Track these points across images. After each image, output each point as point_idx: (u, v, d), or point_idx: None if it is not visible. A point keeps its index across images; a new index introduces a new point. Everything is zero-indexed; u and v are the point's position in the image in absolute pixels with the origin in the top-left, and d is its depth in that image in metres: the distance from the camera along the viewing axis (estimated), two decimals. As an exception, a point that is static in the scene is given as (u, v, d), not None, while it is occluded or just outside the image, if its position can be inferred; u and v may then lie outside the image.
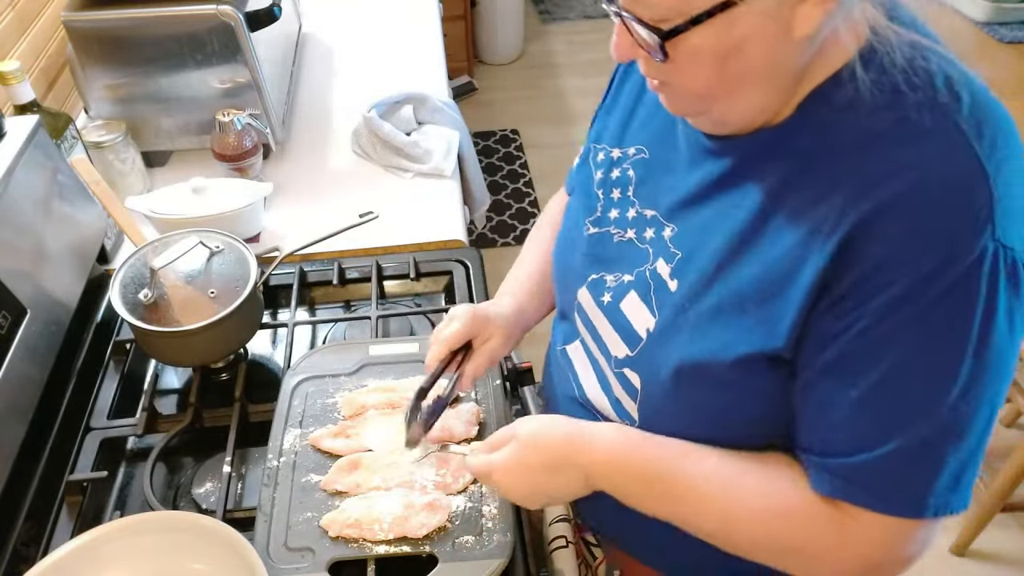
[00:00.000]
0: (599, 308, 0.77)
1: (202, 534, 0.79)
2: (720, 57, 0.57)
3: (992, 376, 0.58)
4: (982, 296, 0.55)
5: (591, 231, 0.80)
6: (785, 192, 0.62)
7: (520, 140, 3.17)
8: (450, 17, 3.03)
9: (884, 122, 0.58)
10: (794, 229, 0.61)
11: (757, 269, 0.63)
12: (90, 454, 0.97)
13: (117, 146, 1.31)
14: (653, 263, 0.72)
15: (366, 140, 1.46)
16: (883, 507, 0.61)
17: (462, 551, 0.80)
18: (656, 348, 0.71)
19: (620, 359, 0.75)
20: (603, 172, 0.81)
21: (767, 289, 0.62)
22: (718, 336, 0.65)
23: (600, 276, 0.78)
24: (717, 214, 0.67)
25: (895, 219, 0.55)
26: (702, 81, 0.60)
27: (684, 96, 0.64)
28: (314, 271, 1.22)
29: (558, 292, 0.88)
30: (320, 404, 0.96)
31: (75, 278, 1.09)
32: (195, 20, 1.28)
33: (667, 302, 0.70)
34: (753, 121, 0.64)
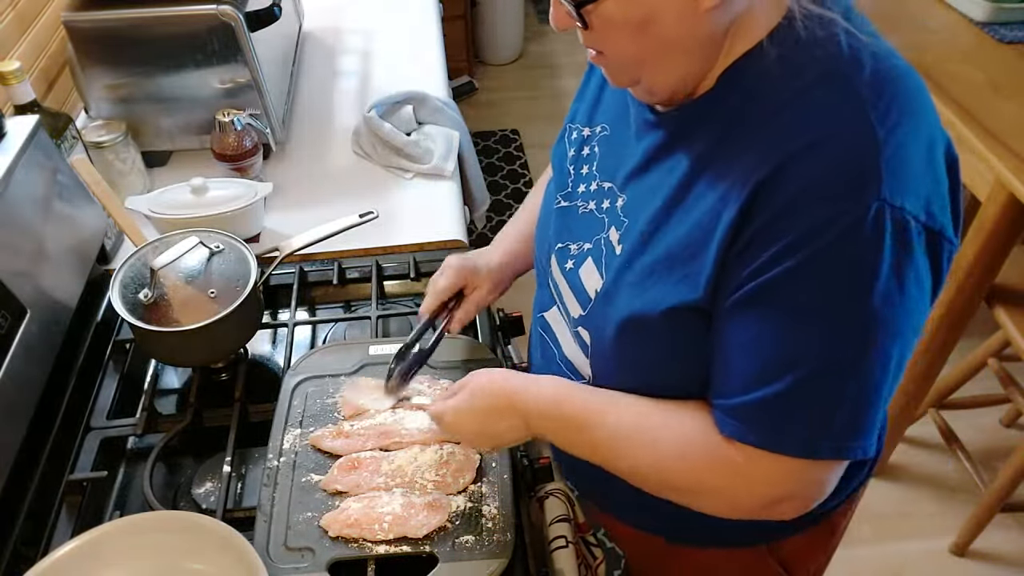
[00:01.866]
0: (562, 274, 0.84)
1: (202, 534, 0.80)
2: (634, 26, 0.63)
3: (883, 327, 0.61)
4: (867, 249, 0.59)
5: (561, 204, 0.87)
6: (708, 157, 0.67)
7: (520, 140, 3.17)
8: (450, 17, 3.02)
9: (790, 91, 0.63)
10: (714, 190, 0.66)
11: (684, 229, 0.68)
12: (90, 454, 0.97)
13: (117, 146, 1.31)
14: (607, 231, 0.78)
15: (366, 140, 1.46)
16: (774, 446, 0.65)
17: (462, 551, 0.80)
18: (601, 306, 0.77)
19: (575, 319, 0.82)
20: (575, 150, 0.87)
21: (691, 246, 0.67)
22: (650, 292, 0.70)
23: (566, 245, 0.84)
24: (656, 181, 0.72)
25: (792, 176, 0.60)
26: (623, 49, 0.66)
27: (617, 66, 0.70)
28: (314, 271, 1.22)
29: (536, 262, 0.95)
30: (320, 404, 0.96)
31: (75, 278, 1.09)
32: (195, 20, 1.28)
33: (612, 264, 0.76)
34: (678, 90, 0.69)
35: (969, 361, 1.89)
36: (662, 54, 0.65)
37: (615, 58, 0.69)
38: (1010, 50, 1.69)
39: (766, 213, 0.61)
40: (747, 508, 0.70)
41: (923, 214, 0.60)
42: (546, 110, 3.34)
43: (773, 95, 0.64)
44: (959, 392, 1.98)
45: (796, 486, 0.68)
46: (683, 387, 0.74)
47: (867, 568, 1.85)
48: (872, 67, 0.62)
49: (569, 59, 3.67)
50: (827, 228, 0.59)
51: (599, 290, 0.77)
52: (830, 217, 0.59)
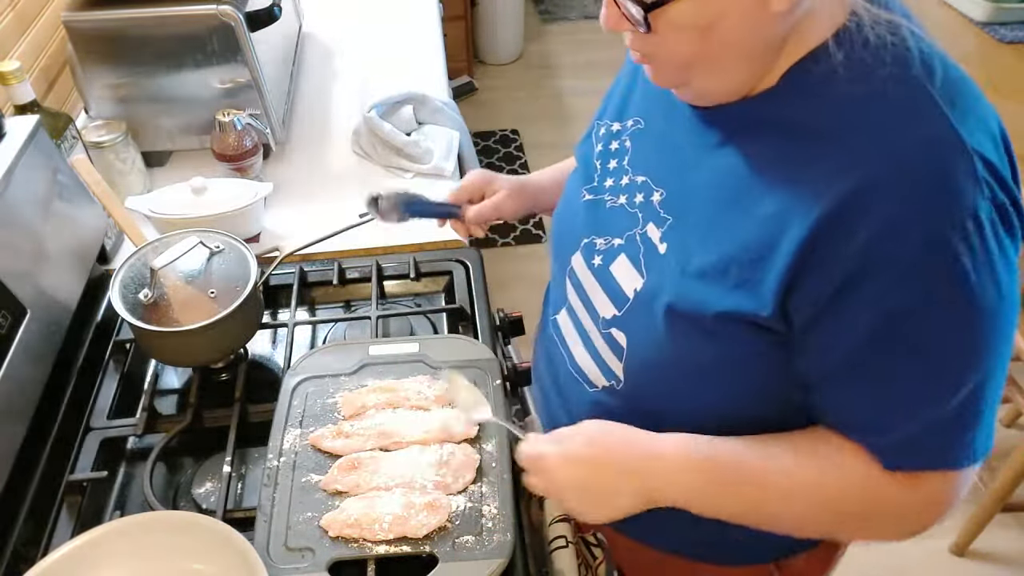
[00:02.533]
0: (590, 271, 0.81)
1: (202, 534, 0.79)
2: (700, 29, 0.61)
3: (1004, 321, 0.61)
4: (981, 255, 0.58)
5: (586, 198, 0.84)
6: (771, 159, 0.65)
7: (520, 140, 3.17)
8: (450, 17, 3.02)
9: (861, 94, 0.60)
10: (779, 195, 0.63)
11: (743, 232, 0.65)
12: (90, 454, 0.97)
13: (117, 146, 1.31)
14: (643, 227, 0.75)
15: (366, 140, 1.46)
16: (943, 463, 0.65)
17: (462, 551, 0.80)
18: (643, 306, 0.73)
19: (607, 319, 0.78)
20: (603, 145, 0.85)
21: (752, 251, 0.64)
22: (703, 294, 0.67)
23: (591, 240, 0.81)
24: (708, 179, 0.69)
25: (880, 195, 0.57)
26: (683, 53, 0.63)
27: (667, 68, 0.68)
28: (314, 271, 1.22)
29: (553, 259, 0.91)
30: (320, 404, 0.96)
31: (75, 278, 1.09)
32: (195, 20, 1.28)
33: (655, 263, 0.73)
34: (732, 93, 0.67)
35: (969, 361, 1.88)
36: (720, 57, 0.63)
37: (668, 61, 0.66)
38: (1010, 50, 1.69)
39: (855, 241, 0.58)
40: (921, 527, 0.70)
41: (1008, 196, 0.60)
42: (546, 110, 3.34)
43: (842, 97, 0.61)
44: (959, 392, 1.97)
45: (956, 494, 0.68)
46: (730, 401, 0.71)
47: (867, 568, 1.85)
48: (943, 73, 0.60)
49: (569, 59, 3.67)
50: (935, 247, 0.57)
51: (639, 290, 0.74)
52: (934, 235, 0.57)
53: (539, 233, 2.76)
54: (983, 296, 0.59)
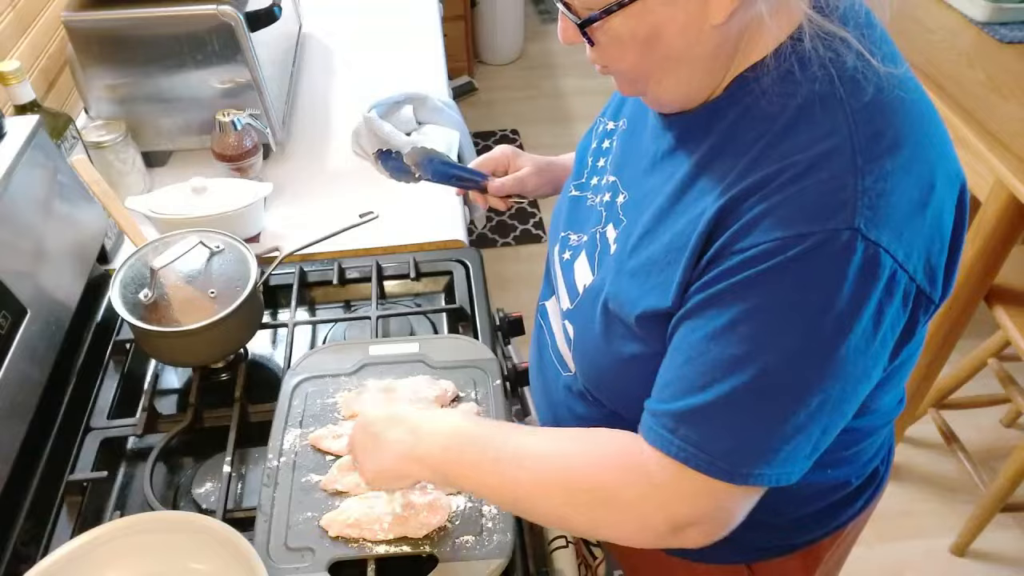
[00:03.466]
0: (559, 264, 0.86)
1: (202, 534, 0.79)
2: (640, 42, 0.62)
3: (826, 358, 0.59)
4: (827, 274, 0.57)
5: (572, 193, 0.88)
6: (701, 167, 0.67)
7: (520, 140, 3.17)
8: (450, 17, 3.03)
9: (782, 110, 0.61)
10: (699, 202, 0.65)
11: (668, 236, 0.68)
12: (90, 454, 0.97)
13: (117, 146, 1.31)
14: (604, 226, 0.78)
15: (366, 140, 1.46)
16: (693, 461, 0.62)
17: (462, 551, 0.80)
18: (587, 303, 0.78)
19: (564, 311, 0.84)
20: (598, 142, 0.88)
21: (670, 254, 0.66)
22: (631, 295, 0.70)
23: (567, 234, 0.86)
24: (656, 185, 0.72)
25: (763, 196, 0.59)
26: (628, 64, 0.66)
27: (625, 78, 0.70)
28: (314, 271, 1.22)
29: (548, 248, 0.94)
30: (320, 404, 0.96)
31: (75, 278, 1.09)
32: (195, 20, 1.28)
33: (604, 263, 0.76)
34: (685, 101, 0.68)
35: (969, 361, 1.89)
36: (668, 68, 0.65)
37: (622, 72, 0.69)
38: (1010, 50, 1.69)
39: (730, 230, 0.61)
40: (655, 528, 0.65)
41: (903, 258, 0.58)
42: (546, 110, 3.34)
43: (767, 112, 0.62)
44: (959, 392, 1.98)
45: (708, 509, 0.64)
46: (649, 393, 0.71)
47: (867, 568, 1.85)
48: (873, 94, 0.60)
49: (569, 59, 3.67)
50: (787, 248, 0.57)
51: (588, 285, 0.78)
52: (792, 238, 0.57)
53: (539, 233, 2.76)
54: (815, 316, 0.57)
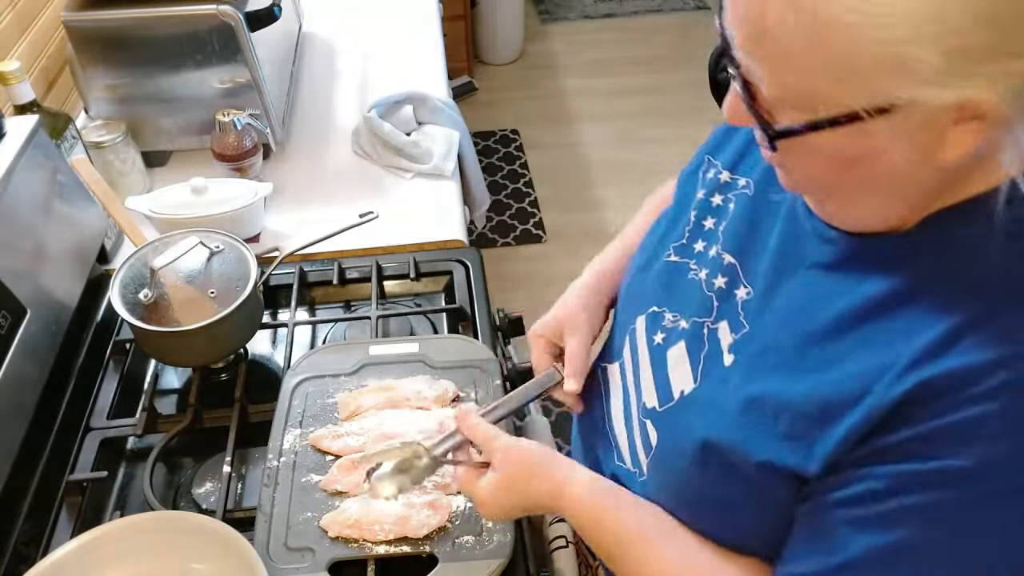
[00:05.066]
0: (647, 347, 0.73)
1: (202, 534, 0.79)
2: (841, 162, 0.52)
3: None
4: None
5: (672, 258, 0.74)
6: (880, 307, 0.55)
7: (520, 140, 3.17)
8: (450, 17, 3.02)
9: (1009, 272, 0.51)
10: (872, 353, 0.54)
11: (818, 382, 0.56)
12: (90, 454, 0.97)
13: (117, 146, 1.31)
14: (716, 322, 0.66)
15: (366, 140, 1.46)
16: None
17: (462, 551, 0.80)
18: (683, 413, 0.66)
19: (647, 408, 0.71)
20: (705, 193, 0.74)
21: (821, 407, 0.55)
22: (746, 432, 0.59)
23: (661, 311, 0.73)
24: (804, 300, 0.60)
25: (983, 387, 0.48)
26: (816, 177, 0.55)
27: (798, 183, 0.59)
28: (314, 271, 1.22)
29: (620, 304, 0.82)
30: (320, 404, 0.96)
31: (75, 278, 1.09)
32: (195, 20, 1.28)
33: (714, 374, 0.64)
34: (870, 227, 0.57)
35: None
36: (861, 191, 0.54)
37: (799, 179, 0.57)
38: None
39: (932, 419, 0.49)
40: None
41: None
42: (546, 110, 3.33)
43: (982, 268, 0.51)
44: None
45: None
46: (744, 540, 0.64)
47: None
48: None
49: (569, 59, 3.67)
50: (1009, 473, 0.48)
51: (687, 393, 0.66)
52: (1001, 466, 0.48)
53: (539, 233, 2.76)
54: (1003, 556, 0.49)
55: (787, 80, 0.49)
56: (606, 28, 3.89)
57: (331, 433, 0.92)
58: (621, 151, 3.08)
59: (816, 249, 0.61)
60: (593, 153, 3.08)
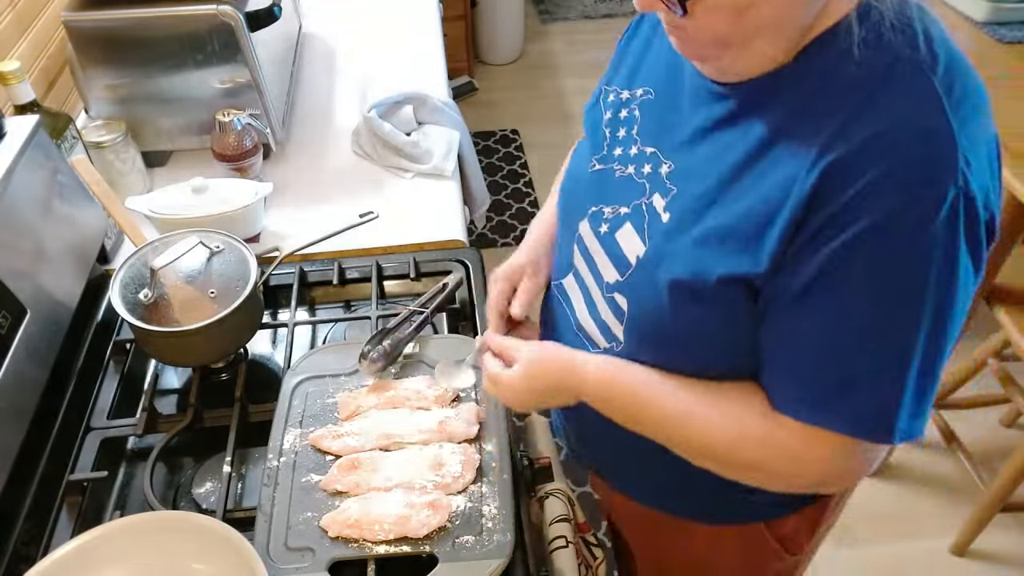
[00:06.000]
0: (596, 238, 0.83)
1: (202, 534, 0.79)
2: (737, 11, 0.61)
3: (945, 311, 0.63)
4: (942, 237, 0.60)
5: (596, 167, 0.85)
6: (779, 133, 0.66)
7: (520, 140, 3.17)
8: (450, 17, 3.02)
9: (869, 72, 0.62)
10: (783, 166, 0.65)
11: (746, 202, 0.67)
12: (90, 454, 0.97)
13: (117, 146, 1.31)
14: (650, 197, 0.77)
15: (366, 140, 1.46)
16: (827, 423, 0.67)
17: (462, 551, 0.80)
18: (643, 272, 0.76)
19: (610, 284, 0.81)
20: (611, 112, 0.85)
21: (754, 219, 0.66)
22: (704, 260, 0.69)
23: (599, 208, 0.83)
24: (715, 152, 0.71)
25: (867, 161, 0.60)
26: (717, 33, 0.64)
27: (697, 43, 0.68)
28: (314, 271, 1.22)
29: (560, 226, 0.93)
30: (320, 404, 0.96)
31: (75, 278, 1.09)
32: (195, 20, 1.28)
33: (658, 231, 0.75)
34: (759, 69, 0.67)
35: (969, 361, 1.88)
36: (754, 37, 0.64)
37: (699, 38, 0.67)
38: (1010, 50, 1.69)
39: (840, 196, 0.61)
40: (800, 486, 0.76)
41: (984, 205, 0.62)
42: (546, 110, 3.33)
43: (850, 75, 0.63)
44: (959, 392, 1.98)
45: (846, 464, 0.69)
46: (723, 364, 0.74)
47: (867, 568, 1.85)
48: (946, 60, 0.62)
49: (569, 59, 3.67)
50: (902, 215, 0.60)
51: (640, 256, 0.77)
52: (907, 203, 0.59)
53: (539, 233, 2.76)
54: (938, 270, 0.61)
55: None
56: (606, 28, 3.89)
57: (331, 433, 0.92)
58: (621, 151, 3.07)
59: (707, 110, 0.72)
60: (593, 153, 3.07)
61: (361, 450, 0.90)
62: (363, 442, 0.90)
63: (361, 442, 0.90)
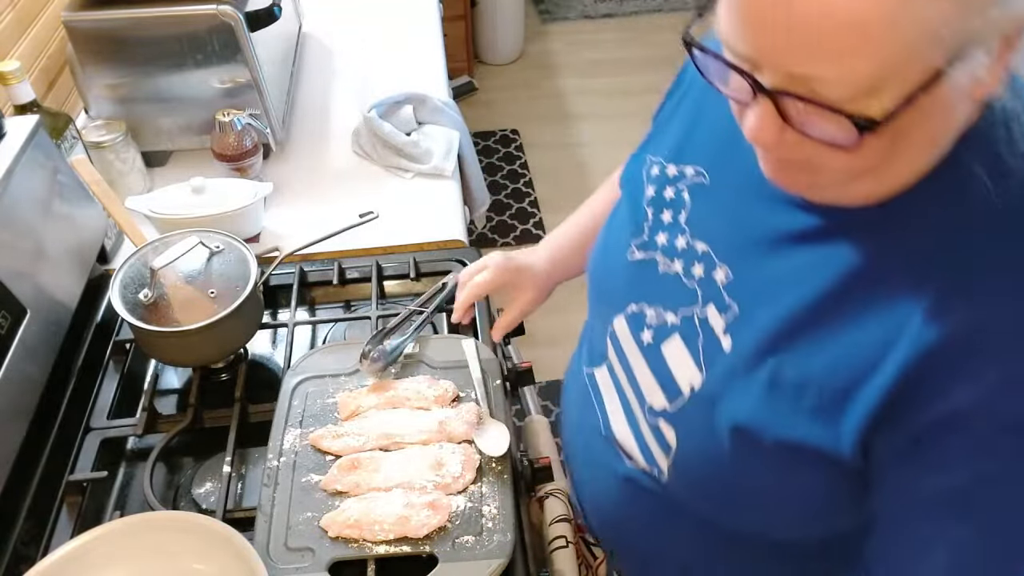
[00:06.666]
0: (637, 346, 0.71)
1: (202, 534, 0.79)
2: (902, 133, 0.47)
3: None
4: None
5: (635, 256, 0.73)
6: (877, 272, 0.53)
7: (520, 140, 3.17)
8: (450, 17, 3.02)
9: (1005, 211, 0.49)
10: (877, 321, 0.52)
11: (829, 355, 0.55)
12: (90, 454, 0.97)
13: (117, 146, 1.31)
14: (703, 308, 0.65)
15: (366, 140, 1.46)
16: None
17: (462, 551, 0.80)
18: (699, 408, 0.64)
19: (656, 410, 0.69)
20: (655, 189, 0.73)
21: (838, 379, 0.54)
22: (772, 414, 0.58)
23: (640, 309, 0.71)
24: (790, 273, 0.58)
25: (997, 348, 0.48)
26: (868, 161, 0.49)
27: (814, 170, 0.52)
28: (314, 271, 1.22)
29: (591, 307, 0.82)
30: (320, 404, 0.96)
31: (75, 278, 1.09)
32: (195, 20, 1.28)
33: (718, 360, 0.63)
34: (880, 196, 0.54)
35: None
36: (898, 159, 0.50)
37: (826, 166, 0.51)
38: (1010, 50, 1.69)
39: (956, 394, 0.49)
40: None
41: None
42: (546, 110, 3.33)
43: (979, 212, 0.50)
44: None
45: None
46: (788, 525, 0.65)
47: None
48: None
49: (569, 59, 3.67)
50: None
51: (697, 388, 0.64)
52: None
53: (539, 233, 2.76)
54: None
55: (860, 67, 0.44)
56: (606, 28, 3.89)
57: (331, 433, 0.92)
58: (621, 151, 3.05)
59: (785, 217, 0.59)
60: (593, 153, 3.07)
61: (361, 450, 0.90)
62: (363, 442, 0.90)
63: (361, 442, 0.90)
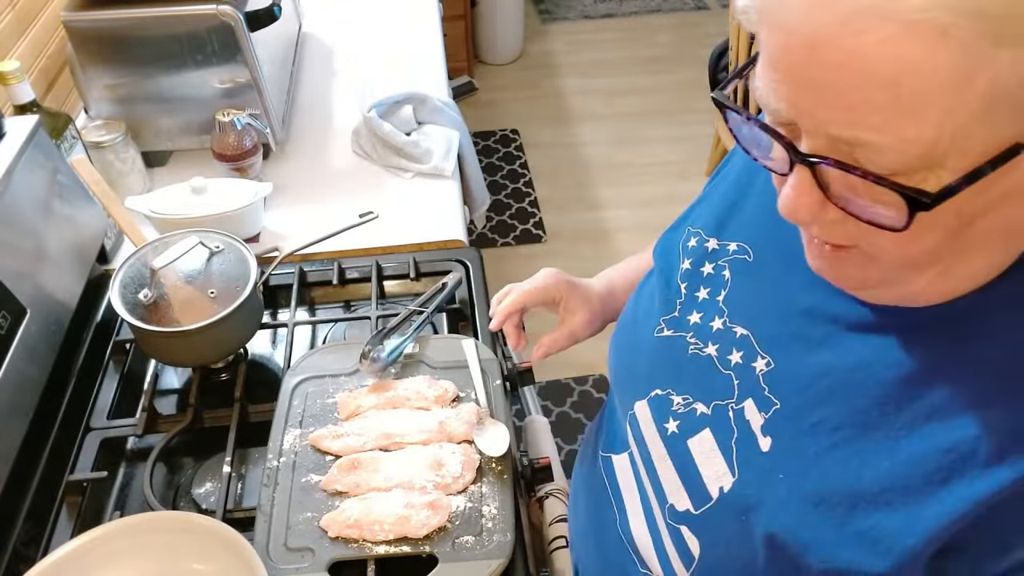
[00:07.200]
0: (660, 437, 0.64)
1: (202, 534, 0.79)
2: (969, 218, 0.41)
3: None
4: None
5: (664, 333, 0.66)
6: (939, 379, 0.47)
7: (520, 140, 3.17)
8: (450, 17, 3.02)
9: None
10: (942, 430, 0.46)
11: (887, 464, 0.48)
12: (90, 454, 0.97)
13: (117, 146, 1.31)
14: (740, 402, 0.58)
15: (366, 140, 1.46)
16: None
17: (462, 551, 0.80)
18: (728, 514, 0.57)
19: (679, 512, 0.62)
20: (692, 262, 0.67)
21: (893, 495, 0.47)
22: (818, 528, 0.50)
23: (666, 393, 0.64)
24: (843, 369, 0.52)
25: None
26: (925, 248, 0.42)
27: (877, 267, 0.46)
28: (314, 271, 1.22)
29: (613, 386, 0.75)
30: (320, 404, 0.96)
31: (75, 278, 1.09)
32: (195, 20, 1.28)
33: (754, 463, 0.56)
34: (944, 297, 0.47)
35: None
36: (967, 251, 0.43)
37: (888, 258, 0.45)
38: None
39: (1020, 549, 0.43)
40: None
41: None
42: (546, 110, 3.33)
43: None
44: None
45: None
46: None
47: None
48: None
49: (569, 59, 3.67)
50: None
51: (726, 490, 0.57)
52: None
53: (539, 233, 2.76)
54: None
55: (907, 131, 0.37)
56: (606, 28, 3.89)
57: (331, 433, 0.92)
58: (621, 151, 3.08)
59: (844, 306, 0.53)
60: (593, 153, 3.08)
61: (361, 450, 0.90)
62: (363, 442, 0.90)
63: (361, 442, 0.90)
